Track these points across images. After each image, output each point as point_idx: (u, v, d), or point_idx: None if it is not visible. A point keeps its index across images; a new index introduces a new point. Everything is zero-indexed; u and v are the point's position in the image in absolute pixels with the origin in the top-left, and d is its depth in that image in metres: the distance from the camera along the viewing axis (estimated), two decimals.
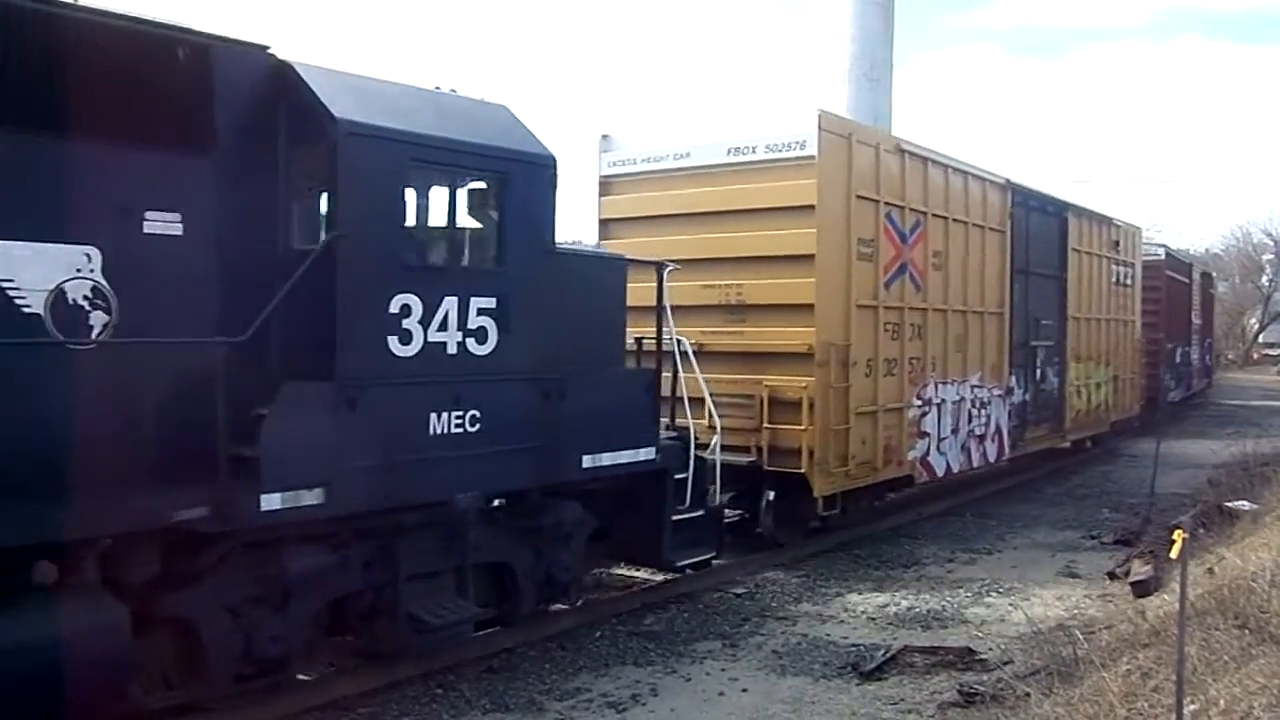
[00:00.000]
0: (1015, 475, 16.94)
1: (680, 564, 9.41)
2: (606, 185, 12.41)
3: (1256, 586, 7.39)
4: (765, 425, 10.81)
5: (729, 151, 11.43)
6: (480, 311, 7.07)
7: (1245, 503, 12.38)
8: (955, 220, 13.60)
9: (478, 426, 7.08)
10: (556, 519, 8.17)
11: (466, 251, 7.57)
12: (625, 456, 8.44)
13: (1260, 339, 65.69)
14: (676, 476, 9.02)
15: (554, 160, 7.59)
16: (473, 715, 6.87)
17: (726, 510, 10.31)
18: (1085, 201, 19.43)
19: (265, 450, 5.85)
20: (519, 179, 7.34)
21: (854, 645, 8.35)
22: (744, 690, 7.41)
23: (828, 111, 11.50)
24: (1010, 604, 9.70)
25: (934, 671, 7.67)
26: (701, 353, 10.34)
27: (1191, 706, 5.33)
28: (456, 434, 6.96)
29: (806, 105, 11.25)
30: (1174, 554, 5.72)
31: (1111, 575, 10.41)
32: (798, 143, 10.95)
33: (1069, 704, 5.95)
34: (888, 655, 7.91)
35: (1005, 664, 7.35)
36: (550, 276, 7.56)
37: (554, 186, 7.61)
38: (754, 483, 11.00)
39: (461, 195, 7.32)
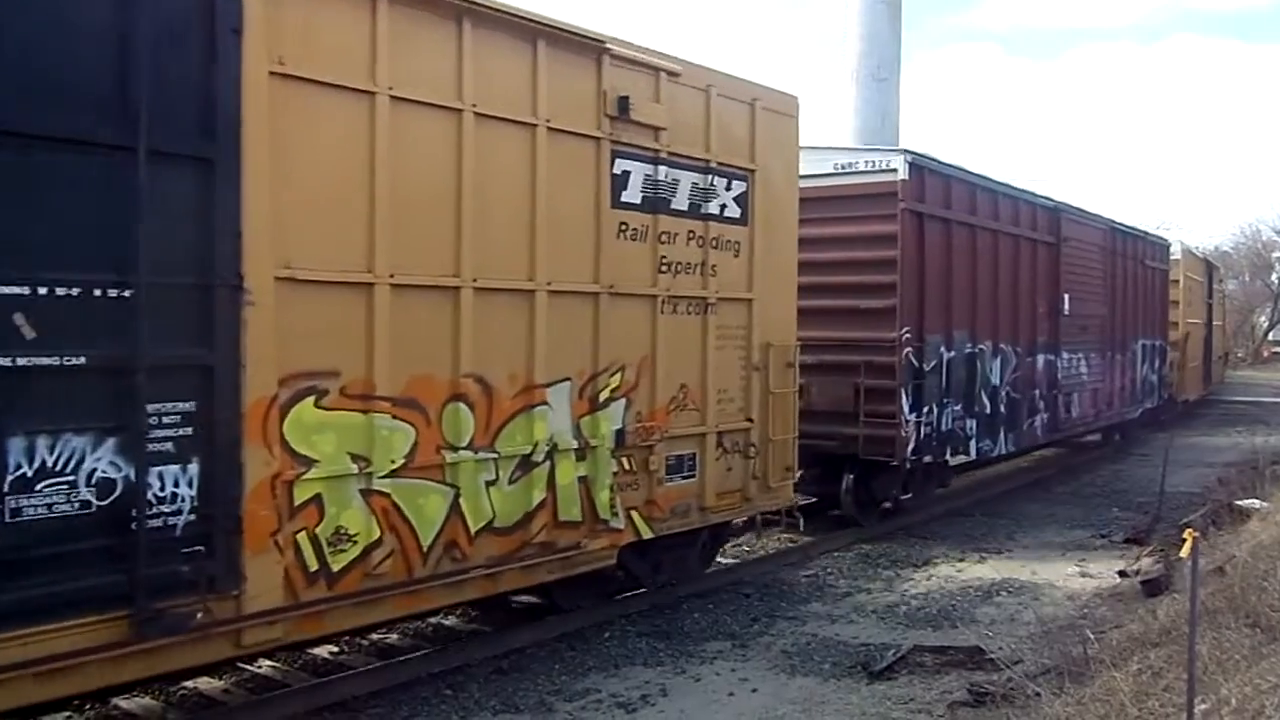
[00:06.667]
0: (1025, 474, 16.89)
1: None
2: None
3: (1268, 585, 7.37)
4: None
5: None
6: None
7: (1256, 501, 12.34)
8: None
9: None
10: None
11: None
12: None
13: (1270, 336, 65.67)
14: None
15: None
16: (482, 716, 6.88)
17: None
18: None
19: None
20: None
21: (864, 645, 8.33)
22: (754, 690, 7.40)
23: None
24: (1020, 603, 9.68)
25: (944, 671, 7.65)
26: None
27: (1203, 705, 5.32)
28: None
29: None
30: (1184, 553, 5.71)
31: (1122, 574, 10.38)
32: None
33: (1079, 703, 5.93)
34: (898, 655, 7.90)
35: (1015, 663, 7.32)
36: None
37: None
38: None
39: None
